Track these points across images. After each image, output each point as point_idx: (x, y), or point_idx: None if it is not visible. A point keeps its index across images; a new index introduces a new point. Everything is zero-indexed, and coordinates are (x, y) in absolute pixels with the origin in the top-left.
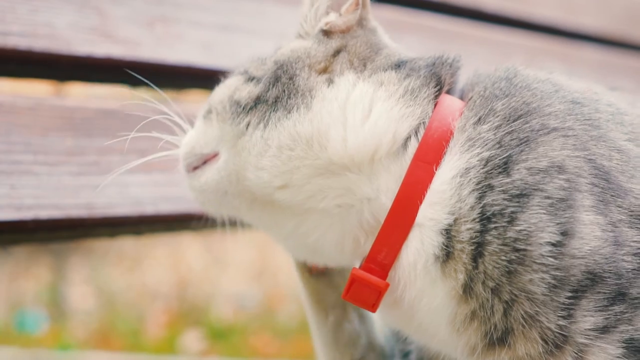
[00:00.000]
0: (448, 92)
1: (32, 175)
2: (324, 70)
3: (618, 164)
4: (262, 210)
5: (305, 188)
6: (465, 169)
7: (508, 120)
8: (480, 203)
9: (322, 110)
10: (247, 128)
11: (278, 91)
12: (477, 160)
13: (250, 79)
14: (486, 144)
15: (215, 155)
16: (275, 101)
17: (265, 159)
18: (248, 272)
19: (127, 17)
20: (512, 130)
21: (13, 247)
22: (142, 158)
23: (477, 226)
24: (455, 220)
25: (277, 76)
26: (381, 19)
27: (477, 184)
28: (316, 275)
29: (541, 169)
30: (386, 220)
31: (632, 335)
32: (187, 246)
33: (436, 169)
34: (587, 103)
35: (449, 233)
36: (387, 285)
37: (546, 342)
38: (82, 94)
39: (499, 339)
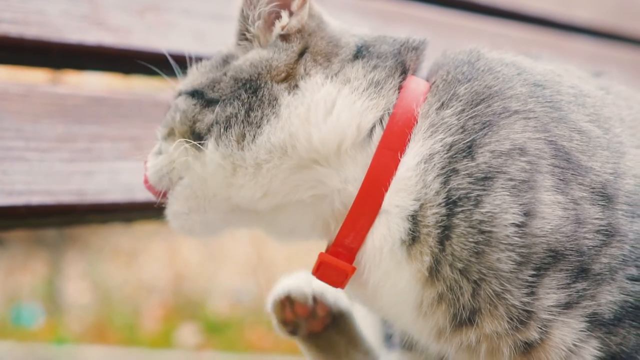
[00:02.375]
0: (413, 72)
1: (23, 162)
2: (288, 77)
3: (578, 145)
4: (242, 216)
5: (283, 189)
6: (429, 154)
7: (471, 105)
8: (445, 188)
9: (290, 116)
10: (215, 152)
11: (244, 110)
12: (441, 146)
13: (208, 103)
14: (450, 129)
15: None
16: (242, 120)
17: (245, 180)
18: (244, 267)
19: (118, 5)
20: (475, 115)
21: (4, 233)
22: (134, 145)
23: (443, 210)
24: (421, 205)
25: (238, 95)
26: (371, 9)
27: (442, 168)
28: (312, 336)
29: (504, 152)
30: (353, 207)
31: (595, 310)
32: (183, 241)
33: (401, 156)
34: (549, 85)
35: (415, 218)
36: (354, 269)
37: (511, 319)
38: (77, 82)
39: (467, 319)
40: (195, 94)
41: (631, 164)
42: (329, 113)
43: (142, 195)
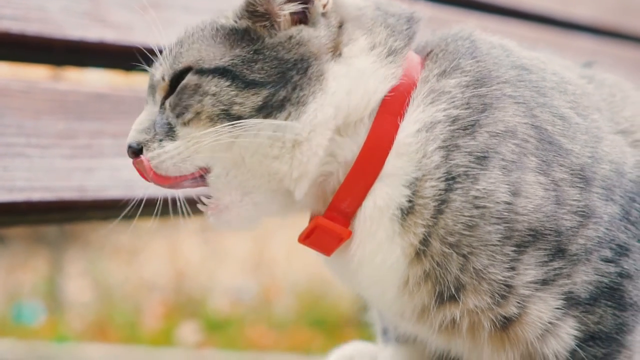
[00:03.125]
0: None
1: (24, 158)
2: (334, 50)
3: (560, 129)
4: (280, 198)
5: (315, 168)
6: (431, 122)
7: (475, 84)
8: (446, 163)
9: (338, 87)
10: (260, 132)
11: (296, 91)
12: (444, 116)
13: (247, 85)
14: (453, 101)
15: (206, 171)
16: (294, 102)
17: (281, 152)
18: (245, 265)
19: (119, 2)
20: (479, 95)
21: (5, 230)
22: None
23: (442, 185)
24: (422, 175)
25: (289, 77)
26: None
27: (443, 141)
28: None
29: (499, 133)
30: (352, 169)
31: (570, 288)
32: (184, 239)
33: (400, 121)
34: (535, 70)
35: (414, 187)
36: (349, 233)
37: (493, 294)
38: (78, 79)
39: (452, 295)
40: (225, 73)
41: (608, 150)
42: (361, 78)
43: (143, 191)
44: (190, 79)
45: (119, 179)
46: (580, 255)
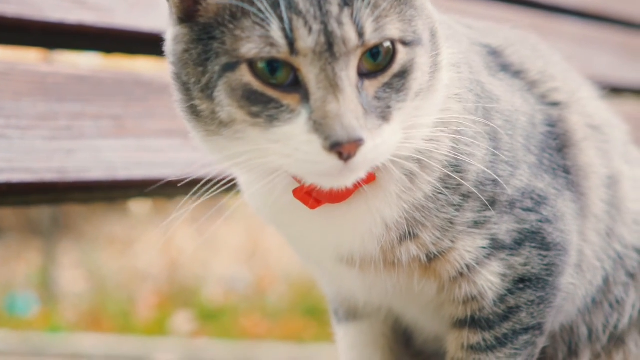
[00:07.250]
0: None
1: (4, 139)
2: None
3: (488, 80)
4: None
5: None
6: (452, 64)
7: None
8: (462, 118)
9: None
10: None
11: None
12: (459, 60)
13: (423, 40)
14: (452, 48)
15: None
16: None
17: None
18: (238, 254)
19: None
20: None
21: None
22: (115, 123)
23: (452, 145)
24: (446, 127)
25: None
26: None
27: (458, 89)
28: None
29: (470, 89)
30: None
31: (496, 232)
32: (178, 228)
33: None
34: (453, 31)
35: (430, 142)
36: (374, 176)
37: (441, 229)
38: (63, 61)
39: (413, 233)
40: (420, 40)
41: (520, 102)
42: None
43: (124, 173)
44: (407, 54)
45: (100, 161)
46: (506, 206)
